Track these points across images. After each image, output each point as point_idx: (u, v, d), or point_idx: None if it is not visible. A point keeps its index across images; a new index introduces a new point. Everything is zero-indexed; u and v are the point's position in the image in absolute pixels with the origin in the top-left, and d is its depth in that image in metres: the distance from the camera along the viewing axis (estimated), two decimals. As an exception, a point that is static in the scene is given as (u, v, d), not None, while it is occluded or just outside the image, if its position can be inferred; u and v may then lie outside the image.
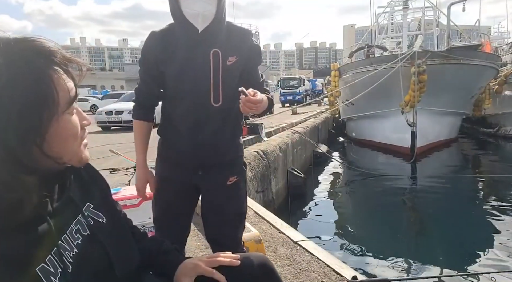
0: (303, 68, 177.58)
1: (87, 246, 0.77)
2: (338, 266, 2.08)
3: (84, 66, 0.74)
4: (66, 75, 0.68)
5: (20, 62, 0.61)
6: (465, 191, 8.76)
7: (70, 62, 0.70)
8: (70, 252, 0.72)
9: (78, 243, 0.75)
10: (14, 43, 0.63)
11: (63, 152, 0.69)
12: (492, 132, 17.33)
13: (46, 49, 0.65)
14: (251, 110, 1.27)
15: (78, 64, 0.72)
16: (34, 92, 0.62)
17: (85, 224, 0.79)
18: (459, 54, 11.82)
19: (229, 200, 1.52)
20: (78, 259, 0.73)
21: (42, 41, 0.66)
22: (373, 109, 13.39)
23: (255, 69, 1.51)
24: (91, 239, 0.79)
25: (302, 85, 28.98)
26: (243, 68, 1.44)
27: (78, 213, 0.79)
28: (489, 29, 42.31)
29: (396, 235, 6.03)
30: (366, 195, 8.79)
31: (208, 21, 1.34)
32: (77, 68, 0.73)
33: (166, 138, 1.53)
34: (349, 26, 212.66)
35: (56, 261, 0.68)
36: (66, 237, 0.73)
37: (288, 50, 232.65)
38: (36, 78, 0.62)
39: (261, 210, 3.23)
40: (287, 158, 8.20)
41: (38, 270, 0.65)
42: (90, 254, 0.77)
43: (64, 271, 0.69)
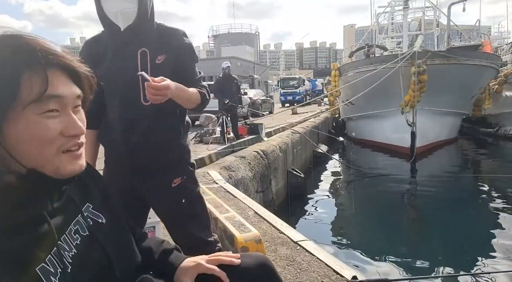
0: (303, 68, 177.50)
1: (86, 246, 0.76)
2: (338, 266, 2.08)
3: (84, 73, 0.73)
4: (60, 76, 0.67)
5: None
6: (465, 191, 8.76)
7: (68, 65, 0.69)
8: (69, 252, 0.71)
9: (77, 243, 0.74)
10: (3, 37, 0.64)
11: (28, 155, 0.65)
12: (492, 132, 17.33)
13: (31, 46, 0.64)
14: (157, 97, 1.22)
15: (77, 71, 0.70)
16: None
17: (85, 225, 0.79)
18: (459, 54, 11.82)
19: (177, 203, 1.48)
20: (77, 259, 0.72)
21: (32, 39, 0.66)
22: (373, 109, 13.39)
23: (189, 67, 1.50)
24: (90, 240, 0.78)
25: (302, 85, 28.98)
26: (174, 66, 1.42)
27: (77, 213, 0.78)
28: (489, 29, 42.29)
29: (396, 235, 6.03)
30: (366, 195, 8.79)
31: (130, 19, 1.35)
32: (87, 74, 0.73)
33: (103, 141, 1.51)
34: (349, 26, 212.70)
35: (56, 261, 0.68)
36: (65, 238, 0.72)
37: (288, 50, 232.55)
38: (3, 71, 0.62)
39: (261, 210, 3.23)
40: (287, 158, 8.20)
41: (38, 270, 0.65)
42: (90, 254, 0.76)
43: (63, 271, 0.68)
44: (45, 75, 0.64)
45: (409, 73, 11.02)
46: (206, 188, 3.76)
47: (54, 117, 0.66)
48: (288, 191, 7.68)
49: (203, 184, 4.03)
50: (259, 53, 59.90)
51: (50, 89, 0.64)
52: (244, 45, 46.00)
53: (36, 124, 0.64)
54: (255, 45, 53.14)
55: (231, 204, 3.34)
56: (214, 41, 53.53)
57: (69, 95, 0.68)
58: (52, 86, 0.65)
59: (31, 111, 0.63)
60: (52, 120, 0.65)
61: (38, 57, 0.64)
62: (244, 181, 5.37)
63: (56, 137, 0.66)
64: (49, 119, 0.65)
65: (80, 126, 0.69)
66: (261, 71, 32.58)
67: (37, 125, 0.64)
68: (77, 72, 0.71)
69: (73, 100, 0.70)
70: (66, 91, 0.68)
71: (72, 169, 0.70)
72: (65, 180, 0.71)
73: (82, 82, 0.72)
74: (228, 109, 7.76)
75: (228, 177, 5.00)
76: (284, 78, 33.07)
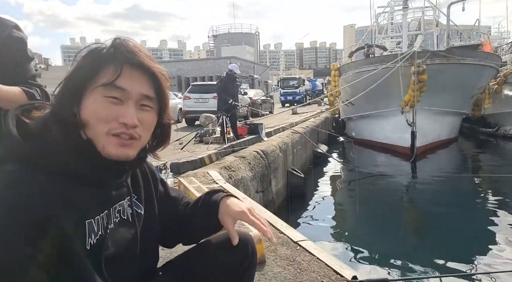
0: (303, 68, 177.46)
1: (121, 227, 0.86)
2: (338, 266, 2.08)
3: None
4: (136, 75, 0.79)
5: (101, 48, 0.80)
6: (465, 191, 8.76)
7: (147, 68, 0.80)
8: (109, 224, 0.81)
9: (115, 221, 0.84)
10: (118, 39, 0.82)
11: (87, 125, 0.77)
12: (492, 132, 17.34)
13: (122, 46, 0.80)
14: None
15: (155, 74, 0.82)
16: (87, 64, 0.79)
17: (127, 210, 0.89)
18: (459, 54, 11.80)
19: None
20: (113, 233, 0.82)
21: (127, 41, 0.81)
22: (373, 109, 13.39)
23: (20, 63, 1.33)
24: (126, 224, 0.88)
25: (302, 85, 29.00)
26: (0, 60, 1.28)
27: (125, 197, 0.89)
28: (489, 29, 42.29)
29: (396, 235, 6.03)
30: (366, 195, 8.78)
31: None
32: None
33: None
34: (349, 26, 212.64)
35: (101, 223, 0.79)
36: (112, 210, 0.83)
37: (288, 50, 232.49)
38: (97, 56, 0.79)
39: (261, 210, 3.23)
40: (287, 158, 8.20)
41: (87, 222, 0.76)
42: (123, 235, 0.86)
43: (103, 234, 0.79)
44: (120, 70, 0.77)
45: (409, 73, 11.02)
46: (206, 188, 3.76)
47: (115, 103, 0.77)
48: (288, 191, 7.67)
49: (203, 184, 4.03)
50: (259, 53, 59.87)
51: (118, 81, 0.77)
52: (244, 45, 46.03)
53: (99, 102, 0.77)
54: (255, 45, 53.15)
55: (231, 204, 3.34)
56: (214, 41, 53.55)
57: (133, 92, 0.79)
58: (122, 79, 0.77)
59: (99, 92, 0.77)
60: (112, 105, 0.77)
61: (121, 55, 0.78)
62: (244, 181, 5.37)
63: (110, 119, 0.77)
64: (110, 103, 0.77)
65: (132, 119, 0.78)
66: (261, 71, 32.60)
67: (99, 103, 0.76)
68: (158, 80, 0.82)
69: (137, 96, 0.79)
70: (132, 88, 0.79)
71: (115, 152, 0.78)
72: (119, 162, 0.81)
73: (159, 85, 0.83)
74: (228, 109, 7.75)
75: (228, 177, 5.00)
76: (284, 78, 33.11)
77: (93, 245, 0.76)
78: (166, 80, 0.84)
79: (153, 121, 0.84)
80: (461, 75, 11.73)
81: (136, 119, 0.78)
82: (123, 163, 0.81)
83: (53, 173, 0.72)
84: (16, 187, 0.67)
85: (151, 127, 0.84)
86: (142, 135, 0.81)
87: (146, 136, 0.84)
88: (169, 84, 0.87)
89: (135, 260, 0.88)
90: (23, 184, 0.68)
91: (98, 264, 0.77)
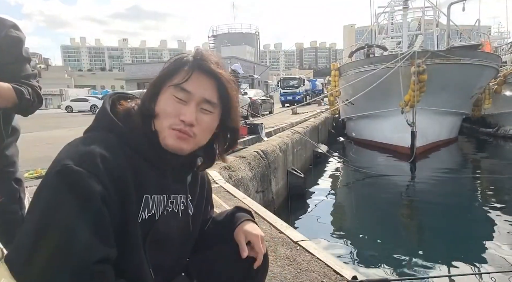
0: (303, 68, 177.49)
1: (172, 218, 0.95)
2: (338, 266, 2.08)
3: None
4: (203, 80, 0.90)
5: (184, 56, 0.94)
6: (464, 191, 8.76)
7: (214, 74, 0.90)
8: (164, 209, 0.92)
9: (167, 209, 0.94)
10: (198, 50, 0.94)
11: (157, 118, 0.89)
12: (492, 132, 17.34)
13: (198, 55, 0.92)
14: None
15: (220, 81, 0.91)
16: (171, 67, 0.91)
17: (179, 205, 0.98)
18: (459, 54, 11.81)
19: None
20: (163, 219, 0.91)
21: (204, 50, 0.94)
22: (373, 109, 13.39)
23: (15, 62, 1.33)
24: (177, 217, 0.97)
25: (302, 85, 29.03)
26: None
27: (182, 193, 0.99)
28: (489, 29, 42.31)
29: (396, 235, 6.03)
30: (366, 195, 8.79)
31: None
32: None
33: None
34: (349, 26, 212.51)
35: (156, 203, 0.89)
36: (168, 197, 0.93)
37: (288, 50, 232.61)
38: (178, 62, 0.92)
39: (261, 210, 3.22)
40: (287, 158, 8.20)
41: (145, 197, 0.87)
42: (171, 225, 0.95)
43: (153, 214, 0.89)
44: (189, 74, 0.88)
45: (409, 73, 11.02)
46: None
47: (180, 103, 0.88)
48: (288, 191, 7.67)
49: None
50: (259, 53, 59.88)
51: (185, 84, 0.88)
52: (244, 45, 46.02)
53: (168, 100, 0.89)
54: (255, 45, 53.15)
55: (231, 204, 3.34)
56: (214, 41, 53.54)
57: (197, 95, 0.89)
58: (189, 83, 0.88)
59: (170, 90, 0.89)
60: (177, 104, 0.88)
61: (195, 61, 0.90)
62: (244, 181, 5.37)
63: (173, 115, 0.88)
64: (176, 102, 0.88)
65: (191, 117, 0.88)
66: (261, 71, 32.59)
67: (168, 100, 0.89)
68: (224, 86, 0.91)
69: (199, 99, 0.89)
70: (196, 91, 0.89)
71: (172, 143, 0.89)
72: (176, 155, 0.91)
73: (224, 91, 0.92)
74: None
75: (228, 177, 5.00)
76: (284, 78, 33.12)
77: (144, 220, 0.86)
78: (232, 87, 0.93)
79: (212, 124, 0.93)
80: (461, 75, 11.73)
81: (194, 118, 0.88)
82: (179, 157, 0.91)
83: (132, 148, 0.86)
84: (108, 147, 0.82)
85: (208, 129, 0.93)
86: (197, 134, 0.90)
87: (203, 136, 0.92)
88: (236, 91, 0.96)
89: (174, 253, 0.98)
90: (112, 146, 0.83)
91: (142, 239, 0.86)
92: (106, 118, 0.89)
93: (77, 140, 0.85)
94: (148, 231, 0.87)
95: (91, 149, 0.80)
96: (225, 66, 0.96)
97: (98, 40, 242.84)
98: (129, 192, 0.82)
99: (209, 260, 1.07)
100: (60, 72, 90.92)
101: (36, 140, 7.95)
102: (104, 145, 0.82)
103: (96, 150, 0.80)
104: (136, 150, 0.87)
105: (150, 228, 0.87)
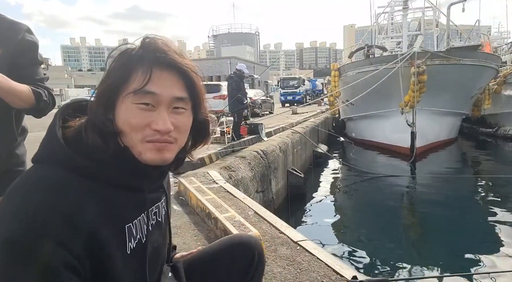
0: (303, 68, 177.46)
1: (157, 229, 0.87)
2: (338, 266, 2.08)
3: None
4: (166, 77, 0.75)
5: (131, 50, 0.76)
6: (464, 191, 8.76)
7: (179, 67, 0.76)
8: (147, 227, 0.82)
9: (152, 223, 0.85)
10: (148, 38, 0.77)
11: (123, 133, 0.74)
12: (492, 132, 17.35)
13: (150, 46, 0.75)
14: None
15: (189, 74, 0.77)
16: (117, 69, 0.74)
17: (161, 212, 0.90)
18: (459, 54, 11.81)
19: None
20: (150, 236, 0.83)
21: (155, 39, 0.76)
22: (373, 109, 13.39)
23: (30, 65, 1.37)
24: (160, 226, 0.90)
25: (302, 85, 29.00)
26: (12, 62, 1.31)
27: (161, 200, 0.90)
28: (489, 29, 42.31)
29: (396, 235, 6.03)
30: (366, 195, 8.79)
31: None
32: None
33: None
34: (349, 26, 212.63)
35: (139, 227, 0.79)
36: (149, 213, 0.84)
37: (288, 50, 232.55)
38: (125, 60, 0.75)
39: (261, 210, 3.23)
40: (287, 158, 8.20)
41: (127, 227, 0.76)
42: (157, 237, 0.88)
43: (140, 239, 0.79)
44: (149, 73, 0.73)
45: (408, 73, 11.03)
46: (206, 188, 3.76)
47: (147, 110, 0.73)
48: (288, 191, 7.68)
49: (203, 184, 4.03)
50: (259, 53, 59.86)
51: (148, 86, 0.72)
52: (244, 45, 46.02)
53: (130, 111, 0.73)
54: (255, 45, 53.15)
55: (231, 204, 3.34)
56: (214, 41, 53.56)
57: (165, 95, 0.74)
58: (152, 83, 0.73)
59: (130, 99, 0.73)
60: (144, 112, 0.73)
61: (150, 55, 0.73)
62: (244, 181, 5.37)
63: (142, 127, 0.74)
64: (141, 110, 0.73)
65: (165, 124, 0.74)
66: (261, 71, 32.56)
67: (130, 111, 0.73)
68: (192, 80, 0.78)
69: (169, 100, 0.75)
70: (163, 91, 0.74)
71: (151, 158, 0.76)
72: (157, 166, 0.79)
73: (192, 83, 0.78)
74: (240, 109, 7.74)
75: (228, 177, 5.00)
76: (284, 78, 33.08)
77: (132, 249, 0.76)
78: (197, 75, 0.80)
79: (189, 122, 0.81)
80: (461, 75, 11.74)
81: (169, 124, 0.75)
82: (161, 166, 0.80)
83: (95, 178, 0.71)
84: (66, 193, 0.67)
85: (187, 129, 0.81)
86: (178, 138, 0.78)
87: (183, 138, 0.81)
88: (202, 78, 0.83)
89: (163, 259, 0.94)
90: (72, 190, 0.67)
91: (140, 267, 0.79)
92: (58, 149, 0.72)
93: (24, 187, 0.68)
94: (141, 256, 0.79)
95: (48, 203, 0.63)
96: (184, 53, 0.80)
97: (98, 40, 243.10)
98: (107, 243, 0.70)
99: (198, 261, 1.08)
100: (60, 72, 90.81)
101: (36, 140, 7.96)
102: (61, 190, 0.66)
103: (56, 205, 0.64)
104: (103, 176, 0.73)
105: (143, 251, 0.80)
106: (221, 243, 1.09)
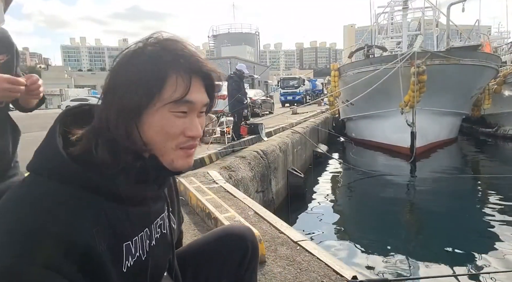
0: (303, 68, 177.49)
1: (161, 242, 0.83)
2: (338, 266, 2.08)
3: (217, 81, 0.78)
4: (198, 84, 0.73)
5: (154, 52, 0.70)
6: (464, 191, 8.77)
7: (208, 76, 0.75)
8: (150, 241, 0.78)
9: (157, 237, 0.81)
10: (164, 39, 0.73)
11: (152, 142, 0.71)
12: (491, 132, 17.35)
13: (184, 52, 0.71)
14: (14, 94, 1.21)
15: (213, 83, 0.77)
16: (146, 75, 0.68)
17: (165, 223, 0.86)
18: (459, 54, 11.82)
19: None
20: (153, 251, 0.79)
21: (186, 45, 0.73)
22: (373, 109, 13.40)
23: (18, 67, 1.44)
24: (165, 238, 0.86)
25: (302, 85, 29.01)
26: (15, 66, 1.37)
27: (164, 210, 0.86)
28: (489, 29, 42.31)
29: (396, 235, 6.03)
30: (366, 195, 8.79)
31: None
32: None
33: None
34: (349, 26, 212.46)
35: (140, 245, 0.75)
36: (153, 227, 0.80)
37: (288, 50, 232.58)
38: (155, 65, 0.69)
39: (261, 210, 3.23)
40: (287, 158, 8.20)
41: (125, 245, 0.71)
42: (161, 251, 0.84)
43: (140, 256, 0.75)
44: (189, 82, 0.71)
45: (408, 73, 11.03)
46: (206, 188, 3.76)
47: (181, 117, 0.72)
48: (288, 191, 7.68)
49: (203, 184, 4.03)
50: (259, 53, 59.89)
51: (188, 95, 0.71)
52: (244, 45, 46.05)
53: (168, 120, 0.71)
54: (255, 45, 53.18)
55: (231, 204, 3.35)
56: (214, 41, 53.59)
57: (200, 103, 0.74)
58: (191, 92, 0.71)
59: (167, 108, 0.70)
60: (179, 120, 0.72)
61: (188, 63, 0.71)
62: (244, 181, 5.38)
63: (178, 134, 0.72)
64: (178, 118, 0.72)
65: (198, 130, 0.75)
66: (261, 71, 32.57)
67: (168, 121, 0.71)
68: (213, 84, 0.77)
69: (201, 107, 0.75)
70: (198, 99, 0.73)
71: (182, 164, 0.75)
72: (172, 172, 0.77)
73: (213, 92, 0.78)
74: (240, 109, 7.74)
75: (228, 177, 5.00)
76: (284, 78, 33.08)
77: (130, 267, 0.72)
78: (217, 78, 0.78)
79: (205, 123, 0.81)
80: (461, 75, 11.75)
81: (201, 130, 0.76)
82: (174, 173, 0.79)
83: (98, 193, 0.68)
84: (63, 213, 0.63)
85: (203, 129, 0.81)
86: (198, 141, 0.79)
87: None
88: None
89: (166, 269, 0.91)
90: (70, 209, 0.64)
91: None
92: (60, 164, 0.67)
93: (19, 206, 0.63)
94: (141, 272, 0.76)
95: (42, 227, 0.60)
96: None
97: (98, 40, 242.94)
98: (102, 262, 0.66)
99: (191, 256, 1.06)
100: (60, 72, 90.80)
101: (36, 140, 7.96)
102: (58, 210, 0.63)
103: (51, 228, 0.60)
104: (106, 194, 0.69)
105: (142, 268, 0.76)
106: (214, 234, 1.08)
